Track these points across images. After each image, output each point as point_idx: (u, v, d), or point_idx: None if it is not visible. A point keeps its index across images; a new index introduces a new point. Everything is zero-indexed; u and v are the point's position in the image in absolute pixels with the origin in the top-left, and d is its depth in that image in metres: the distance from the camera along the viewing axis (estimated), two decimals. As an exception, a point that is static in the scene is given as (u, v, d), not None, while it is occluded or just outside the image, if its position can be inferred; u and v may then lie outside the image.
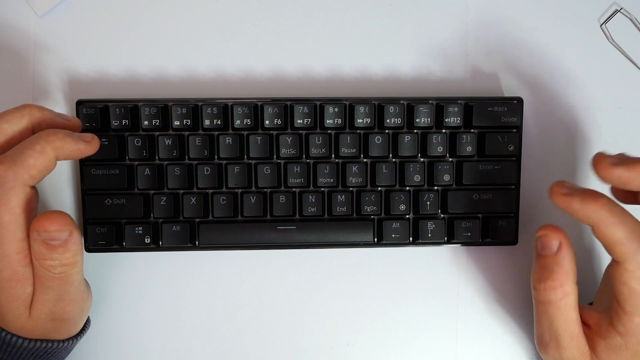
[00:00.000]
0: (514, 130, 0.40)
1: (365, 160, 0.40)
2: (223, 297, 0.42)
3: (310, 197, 0.39)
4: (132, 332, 0.42)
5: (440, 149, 0.40)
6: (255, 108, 0.39)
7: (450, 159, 0.40)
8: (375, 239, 0.40)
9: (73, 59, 0.41)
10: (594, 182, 0.42)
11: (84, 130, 0.39)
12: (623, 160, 0.32)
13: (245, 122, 0.39)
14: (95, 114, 0.38)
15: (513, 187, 0.40)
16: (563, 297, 0.33)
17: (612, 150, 0.42)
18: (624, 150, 0.42)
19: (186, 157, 0.39)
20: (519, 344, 0.43)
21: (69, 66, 0.41)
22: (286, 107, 0.39)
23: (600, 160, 0.32)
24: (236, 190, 0.40)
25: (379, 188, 0.40)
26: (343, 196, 0.40)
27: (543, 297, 0.34)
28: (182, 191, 0.39)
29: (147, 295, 0.42)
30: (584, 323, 0.35)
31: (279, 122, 0.39)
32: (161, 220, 0.39)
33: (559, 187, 0.32)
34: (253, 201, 0.39)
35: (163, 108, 0.39)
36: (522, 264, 0.43)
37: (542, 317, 0.35)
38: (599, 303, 0.37)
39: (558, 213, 0.42)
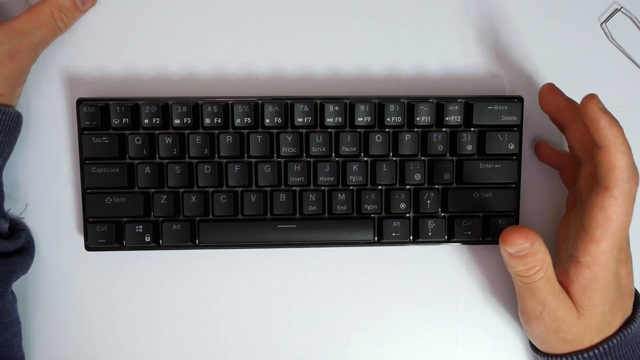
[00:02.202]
0: (515, 129, 0.40)
1: (365, 158, 0.40)
2: (223, 296, 0.42)
3: (310, 195, 0.39)
4: (132, 331, 0.42)
5: (440, 148, 0.40)
6: (256, 106, 0.39)
7: (451, 158, 0.40)
8: (376, 238, 0.40)
9: (74, 58, 0.41)
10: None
11: (83, 130, 0.39)
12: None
13: (245, 120, 0.39)
14: (96, 112, 0.38)
15: (513, 185, 0.40)
16: (546, 271, 0.35)
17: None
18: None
19: (186, 156, 0.39)
20: (519, 341, 0.43)
21: (70, 64, 0.41)
22: (286, 105, 0.39)
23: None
24: (236, 188, 0.40)
25: (379, 187, 0.40)
26: (343, 195, 0.39)
27: (530, 280, 0.35)
28: (182, 190, 0.39)
29: (147, 294, 0.42)
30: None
31: (280, 120, 0.39)
32: (161, 218, 0.39)
33: (596, 100, 0.33)
34: (253, 200, 0.39)
35: (163, 106, 0.39)
36: (523, 263, 0.43)
37: (531, 294, 0.36)
38: (558, 261, 0.39)
39: (557, 212, 0.42)
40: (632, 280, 0.37)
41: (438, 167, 0.40)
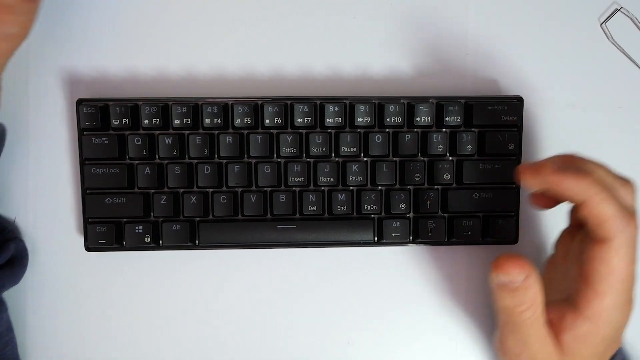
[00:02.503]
0: (514, 129, 0.40)
1: (365, 159, 0.40)
2: (223, 296, 0.42)
3: (310, 196, 0.39)
4: (132, 332, 0.42)
5: (440, 148, 0.40)
6: (256, 107, 0.39)
7: (451, 158, 0.40)
8: (376, 238, 0.40)
9: (73, 58, 0.41)
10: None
11: (83, 131, 0.39)
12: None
13: (245, 121, 0.39)
14: (96, 113, 0.38)
15: (513, 186, 0.40)
16: (535, 312, 0.32)
17: (613, 149, 0.42)
18: (625, 149, 0.42)
19: (186, 156, 0.39)
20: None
21: (69, 65, 0.41)
22: (286, 106, 0.39)
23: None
24: (236, 189, 0.40)
25: (379, 187, 0.40)
26: (343, 195, 0.39)
27: (517, 318, 0.32)
28: (182, 190, 0.39)
29: (147, 295, 0.42)
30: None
31: (279, 121, 0.39)
32: (161, 219, 0.39)
33: (550, 162, 0.31)
34: (253, 200, 0.39)
35: (163, 107, 0.39)
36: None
37: (513, 331, 0.33)
38: (548, 297, 0.35)
39: (558, 213, 0.42)
40: (625, 331, 0.34)
41: (438, 167, 0.40)
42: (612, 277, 0.31)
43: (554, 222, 0.42)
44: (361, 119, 0.39)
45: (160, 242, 0.39)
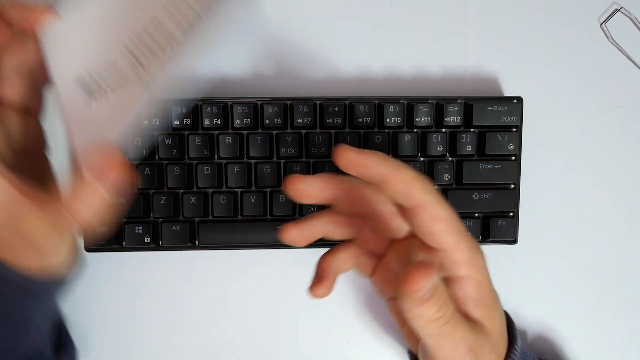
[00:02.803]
0: (514, 129, 0.40)
1: (365, 159, 0.40)
2: (223, 297, 0.42)
3: (310, 196, 0.39)
4: (132, 332, 0.42)
5: (440, 149, 0.40)
6: (255, 107, 0.39)
7: (450, 159, 0.40)
8: (375, 239, 0.40)
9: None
10: (594, 185, 0.43)
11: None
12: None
13: (245, 121, 0.39)
14: (95, 113, 0.38)
15: (513, 186, 0.40)
16: (451, 302, 0.29)
17: (613, 149, 0.42)
18: (625, 149, 0.42)
19: (186, 157, 0.39)
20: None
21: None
22: (286, 106, 0.39)
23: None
24: (236, 189, 0.40)
25: (379, 187, 0.40)
26: (343, 195, 0.39)
27: (446, 318, 0.29)
28: (182, 190, 0.39)
29: (147, 295, 0.42)
30: None
31: (279, 121, 0.39)
32: (161, 219, 0.39)
33: (370, 156, 0.29)
34: (253, 200, 0.39)
35: (163, 107, 0.39)
36: (523, 262, 0.43)
37: (448, 336, 0.29)
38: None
39: (558, 213, 0.42)
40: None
41: (438, 168, 0.40)
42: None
43: (554, 222, 0.42)
44: (361, 119, 0.39)
45: (160, 242, 0.39)
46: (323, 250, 0.42)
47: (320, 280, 0.34)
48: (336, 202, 0.33)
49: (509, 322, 0.35)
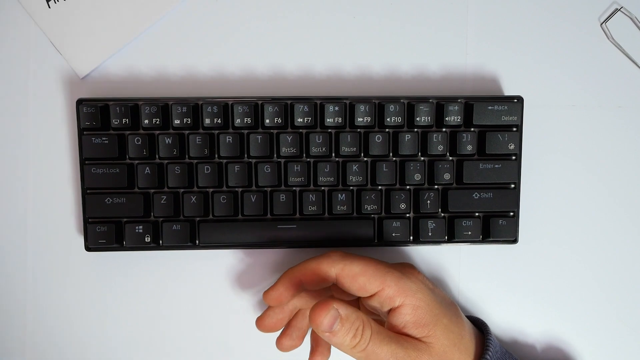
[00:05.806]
0: (514, 129, 0.40)
1: (365, 159, 0.40)
2: (223, 296, 0.42)
3: (310, 196, 0.39)
4: (132, 331, 0.42)
5: (440, 148, 0.40)
6: (256, 107, 0.39)
7: (451, 158, 0.40)
8: (376, 238, 0.40)
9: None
10: (594, 185, 0.43)
11: (83, 130, 0.39)
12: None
13: (245, 120, 0.39)
14: (96, 112, 0.38)
15: (513, 185, 0.40)
16: (371, 326, 0.33)
17: (613, 149, 0.42)
18: (625, 149, 0.42)
19: (186, 156, 0.39)
20: (519, 340, 0.43)
21: (69, 65, 0.41)
22: (286, 105, 0.39)
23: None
24: (236, 189, 0.40)
25: (380, 187, 0.40)
26: (343, 195, 0.39)
27: (364, 342, 0.33)
28: (182, 190, 0.39)
29: (147, 294, 0.42)
30: None
31: (279, 120, 0.39)
32: (161, 219, 0.39)
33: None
34: (253, 200, 0.39)
35: (163, 107, 0.39)
36: (523, 262, 0.43)
37: (376, 357, 0.33)
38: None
39: (558, 212, 0.42)
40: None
41: (438, 167, 0.40)
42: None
43: (554, 222, 0.42)
44: (361, 119, 0.39)
45: (160, 242, 0.39)
46: (323, 250, 0.42)
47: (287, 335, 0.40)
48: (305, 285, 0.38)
49: (483, 327, 0.39)
